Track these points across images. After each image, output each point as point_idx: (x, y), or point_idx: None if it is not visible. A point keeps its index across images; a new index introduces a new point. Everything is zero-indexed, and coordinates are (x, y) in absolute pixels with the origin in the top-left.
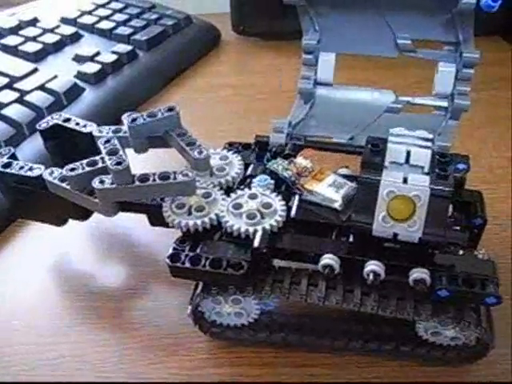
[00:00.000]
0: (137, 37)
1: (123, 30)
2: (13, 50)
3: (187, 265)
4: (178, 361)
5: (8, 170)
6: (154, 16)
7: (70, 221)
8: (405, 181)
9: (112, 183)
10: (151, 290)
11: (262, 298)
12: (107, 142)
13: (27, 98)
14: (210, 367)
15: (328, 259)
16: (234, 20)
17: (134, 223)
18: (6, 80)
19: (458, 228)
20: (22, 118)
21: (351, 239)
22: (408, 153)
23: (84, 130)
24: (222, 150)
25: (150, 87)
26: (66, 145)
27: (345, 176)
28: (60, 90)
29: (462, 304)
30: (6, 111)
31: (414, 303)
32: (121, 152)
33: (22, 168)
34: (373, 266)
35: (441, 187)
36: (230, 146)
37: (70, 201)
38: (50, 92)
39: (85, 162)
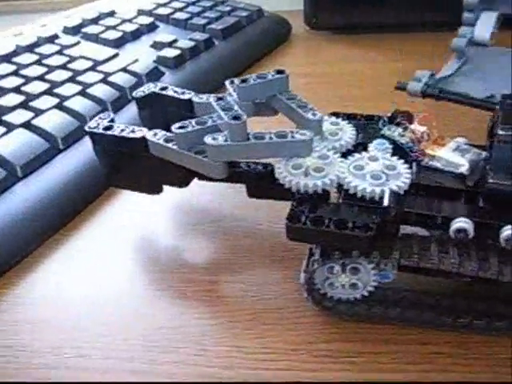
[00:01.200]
0: (212, 26)
1: (198, 20)
2: (94, 37)
3: (309, 225)
4: (284, 335)
5: (110, 132)
6: (228, 8)
7: (164, 192)
8: None
9: (226, 140)
10: (248, 263)
11: (383, 268)
12: (219, 99)
13: (111, 78)
14: (319, 342)
15: (462, 222)
16: (308, 12)
17: (225, 197)
18: (89, 63)
19: None
20: (106, 96)
21: (481, 204)
22: None
23: (183, 96)
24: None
25: (226, 74)
26: (160, 114)
27: (466, 144)
28: (142, 71)
29: None
30: (91, 90)
31: None
32: (236, 107)
33: (123, 130)
34: (509, 231)
35: None
36: (334, 115)
37: (170, 165)
38: (133, 74)
39: (193, 120)
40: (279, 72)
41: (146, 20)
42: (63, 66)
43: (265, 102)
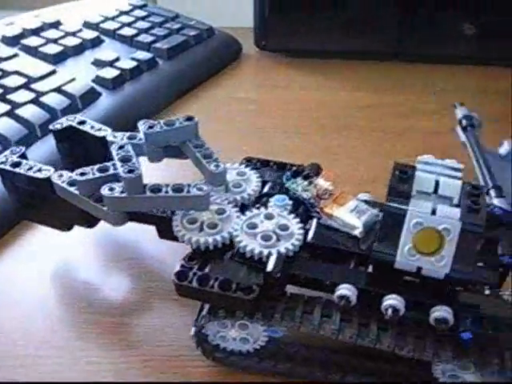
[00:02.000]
0: (158, 45)
1: (144, 38)
2: (33, 51)
3: (194, 284)
4: None
5: (17, 170)
6: (177, 26)
7: (76, 227)
8: (433, 212)
9: (122, 192)
10: (155, 306)
11: (271, 325)
12: (121, 147)
13: (43, 99)
14: None
15: (345, 289)
16: (257, 35)
17: (142, 235)
18: (23, 80)
19: (484, 266)
20: (35, 118)
21: (370, 270)
22: (437, 182)
23: (98, 133)
24: (240, 165)
25: (168, 96)
26: (78, 148)
27: (366, 202)
28: (77, 93)
29: (486, 348)
30: (20, 111)
31: (434, 343)
32: (134, 160)
33: (30, 168)
34: (392, 301)
35: (472, 221)
36: (248, 161)
37: (77, 206)
38: (67, 94)
39: (96, 167)
40: (188, 119)
41: (90, 34)
42: None
43: (177, 146)
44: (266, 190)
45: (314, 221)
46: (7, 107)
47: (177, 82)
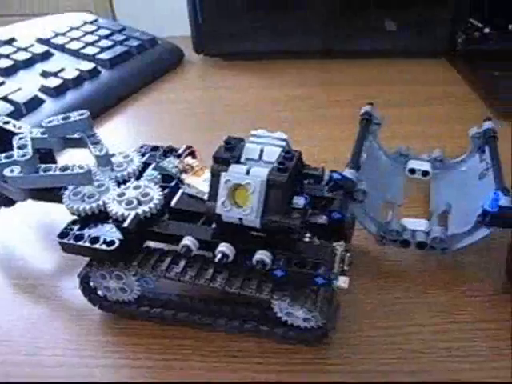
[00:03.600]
0: (101, 56)
1: (90, 50)
2: None
3: (71, 241)
4: (74, 328)
5: None
6: (122, 37)
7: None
8: (247, 173)
9: (20, 172)
10: (63, 272)
11: (132, 272)
12: (21, 138)
13: None
14: (98, 335)
15: (186, 240)
16: (194, 41)
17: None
18: None
19: (297, 216)
20: None
21: (213, 226)
22: (261, 150)
23: (13, 129)
24: (134, 151)
25: (108, 101)
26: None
27: None
28: (20, 100)
29: (298, 283)
30: None
31: (258, 282)
32: (29, 147)
33: None
34: (222, 248)
35: (274, 177)
36: (141, 147)
37: None
38: (11, 102)
39: (3, 155)
40: (81, 114)
41: (40, 49)
42: None
43: (78, 137)
44: (148, 170)
45: (180, 191)
46: None
47: (117, 89)
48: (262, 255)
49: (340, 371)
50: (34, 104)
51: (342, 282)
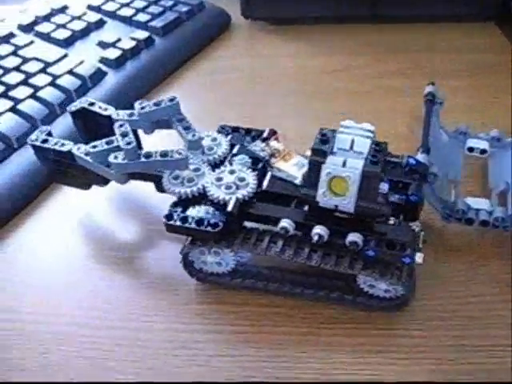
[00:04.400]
0: (153, 23)
1: (141, 17)
2: (46, 37)
3: (178, 223)
4: (170, 299)
5: (45, 145)
6: (170, 2)
7: (94, 187)
8: (344, 164)
9: (123, 159)
10: (155, 243)
11: (234, 250)
12: (121, 126)
13: (58, 81)
14: (196, 303)
15: (284, 222)
16: (243, 6)
17: (144, 190)
18: (40, 65)
19: (386, 202)
20: (54, 99)
21: (305, 208)
22: (352, 141)
23: (104, 112)
24: (216, 131)
25: (165, 71)
26: (90, 124)
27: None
28: (86, 74)
29: (387, 262)
30: (41, 93)
31: (350, 260)
32: (131, 134)
33: (56, 144)
34: (318, 230)
35: (369, 169)
36: (223, 128)
37: (92, 170)
38: (78, 76)
39: (104, 140)
40: (171, 100)
41: (94, 17)
42: (17, 68)
43: (166, 119)
44: (234, 151)
45: (269, 173)
46: (30, 90)
47: (172, 57)
48: (354, 237)
49: (416, 336)
50: (98, 77)
51: (418, 258)
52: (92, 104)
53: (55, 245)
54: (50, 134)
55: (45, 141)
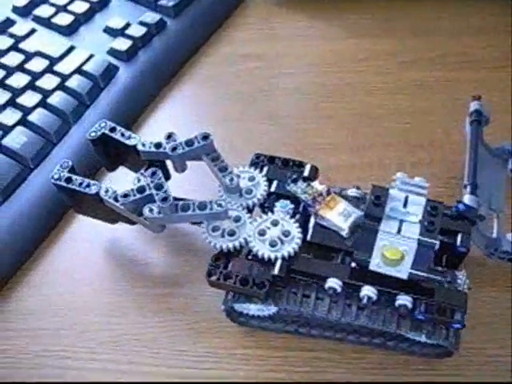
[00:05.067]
0: (163, 2)
1: None
2: (46, 22)
3: (221, 281)
4: (214, 342)
5: (70, 186)
6: None
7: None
8: (399, 230)
9: (159, 212)
10: (192, 279)
11: (280, 308)
12: (153, 174)
13: (68, 83)
14: (238, 348)
15: (332, 282)
16: None
17: None
18: (46, 62)
19: (439, 269)
20: (65, 106)
21: (353, 264)
22: (406, 199)
23: (128, 142)
24: (250, 164)
25: (179, 59)
26: (112, 150)
27: (354, 197)
28: (96, 72)
29: (436, 325)
30: (51, 100)
31: (398, 320)
32: (165, 186)
33: (81, 184)
34: (367, 292)
35: (427, 239)
36: (257, 158)
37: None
38: (88, 76)
39: (136, 188)
40: (205, 137)
41: None
42: (21, 68)
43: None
44: (272, 188)
45: (312, 221)
46: (39, 96)
47: (186, 42)
48: (404, 300)
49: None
50: (109, 74)
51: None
52: (113, 129)
53: (79, 281)
54: (72, 168)
55: (68, 179)
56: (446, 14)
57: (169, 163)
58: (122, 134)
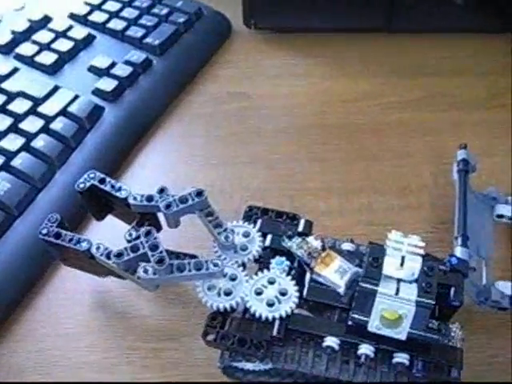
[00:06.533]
0: (149, 40)
1: (135, 32)
2: (29, 61)
3: (218, 341)
4: None
5: (59, 242)
6: (165, 11)
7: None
8: (397, 292)
9: (154, 273)
10: (185, 332)
11: (278, 366)
12: (148, 233)
13: (52, 126)
14: None
15: (330, 341)
16: (245, 15)
17: None
18: (29, 104)
19: (436, 328)
20: (50, 150)
21: (349, 322)
22: (402, 259)
23: (119, 195)
24: (243, 218)
25: (166, 97)
26: (101, 200)
27: (348, 252)
28: (82, 114)
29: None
30: (35, 143)
31: (395, 377)
32: (161, 248)
33: (70, 240)
34: (364, 350)
35: (424, 300)
36: (250, 210)
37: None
38: (73, 118)
39: (129, 246)
40: (199, 194)
41: (81, 32)
42: (3, 109)
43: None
44: (267, 243)
45: (307, 277)
46: (22, 140)
47: (172, 80)
48: (401, 358)
49: None
50: (95, 115)
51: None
52: (102, 181)
53: (67, 335)
54: (61, 223)
55: (57, 235)
56: (433, 54)
57: (160, 214)
58: (112, 186)
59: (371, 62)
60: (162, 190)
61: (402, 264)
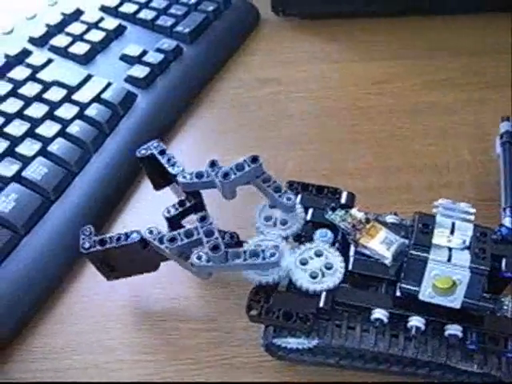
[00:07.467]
0: (179, 29)
1: (165, 21)
2: (63, 52)
3: (263, 316)
4: (250, 377)
5: (107, 246)
6: (194, 0)
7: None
8: (449, 259)
9: (208, 260)
10: (225, 312)
11: (325, 341)
12: (202, 219)
13: (87, 112)
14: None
15: (379, 314)
16: (274, 2)
17: None
18: (63, 92)
19: (488, 296)
20: (85, 136)
21: (397, 292)
22: (453, 225)
23: (171, 170)
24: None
25: (197, 84)
26: (158, 171)
27: (393, 224)
28: (115, 100)
29: (487, 355)
30: (70, 129)
31: (447, 350)
32: (216, 233)
33: (119, 239)
34: (415, 322)
35: (478, 266)
36: (291, 185)
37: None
38: (107, 104)
39: (182, 232)
40: (253, 160)
41: (112, 23)
42: (39, 98)
43: None
44: (308, 217)
45: (352, 250)
46: (58, 126)
47: (203, 67)
48: (454, 330)
49: None
50: (128, 101)
51: None
52: (162, 152)
53: (105, 316)
54: (94, 231)
55: (102, 241)
56: (463, 34)
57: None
58: (168, 160)
59: (401, 45)
60: (213, 163)
61: (452, 232)
